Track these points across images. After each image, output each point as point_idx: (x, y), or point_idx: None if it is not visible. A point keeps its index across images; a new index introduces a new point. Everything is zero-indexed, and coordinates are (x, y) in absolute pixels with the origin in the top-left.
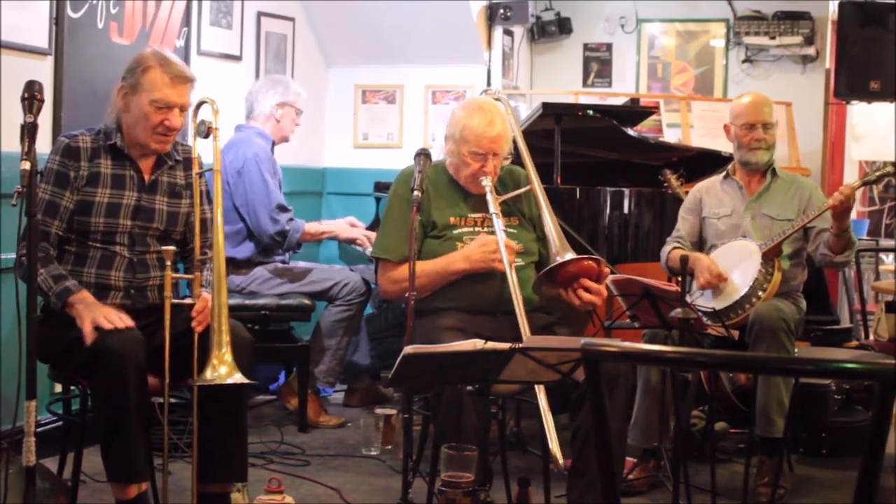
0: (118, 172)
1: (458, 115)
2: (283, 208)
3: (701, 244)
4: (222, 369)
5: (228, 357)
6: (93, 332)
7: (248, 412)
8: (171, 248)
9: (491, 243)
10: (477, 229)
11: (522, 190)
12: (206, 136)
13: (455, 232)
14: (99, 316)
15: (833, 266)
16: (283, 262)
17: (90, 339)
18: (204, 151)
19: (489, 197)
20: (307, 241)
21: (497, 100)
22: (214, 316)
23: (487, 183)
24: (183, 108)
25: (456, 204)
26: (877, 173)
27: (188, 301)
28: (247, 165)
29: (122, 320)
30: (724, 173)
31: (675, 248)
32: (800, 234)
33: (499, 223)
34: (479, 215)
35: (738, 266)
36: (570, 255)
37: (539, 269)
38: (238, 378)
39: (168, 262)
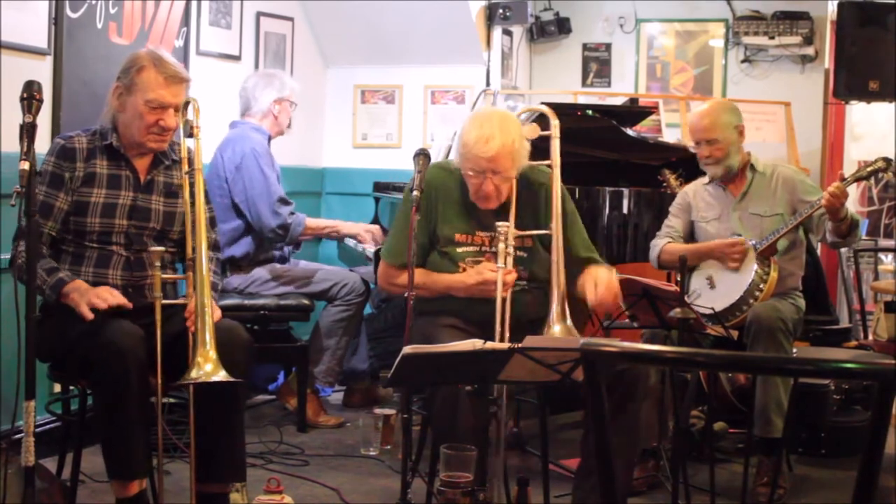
0: (114, 173)
1: (463, 127)
2: (284, 201)
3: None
4: (207, 367)
5: (213, 354)
6: (90, 313)
7: (246, 412)
8: (160, 248)
9: (489, 281)
10: (483, 249)
11: (541, 232)
12: (190, 136)
13: (459, 251)
14: (92, 297)
15: (846, 247)
16: (283, 259)
17: (90, 316)
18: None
19: (500, 246)
20: (308, 235)
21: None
22: (198, 315)
23: (503, 230)
24: (178, 109)
25: (465, 218)
26: (868, 169)
27: (181, 301)
28: (245, 160)
29: (115, 296)
30: (707, 178)
31: (669, 242)
32: (793, 230)
33: (504, 261)
34: (488, 234)
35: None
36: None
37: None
38: (223, 376)
39: (157, 263)
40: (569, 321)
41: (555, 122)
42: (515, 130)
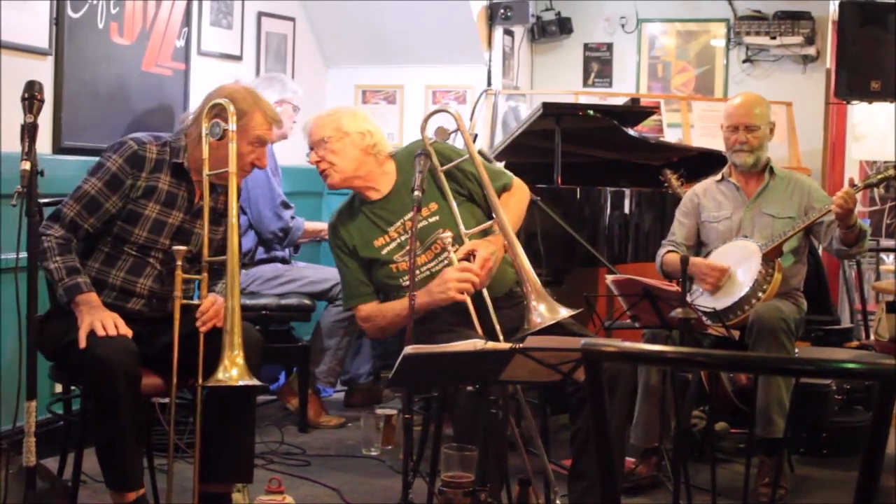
0: (173, 191)
1: None
2: (285, 205)
3: (698, 248)
4: (234, 371)
5: (240, 360)
6: (84, 341)
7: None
8: (183, 247)
9: (449, 279)
10: (404, 238)
11: (485, 226)
12: (221, 139)
13: (384, 253)
14: (96, 321)
15: (850, 257)
16: (285, 260)
17: (83, 344)
18: None
19: (453, 257)
20: (307, 238)
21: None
22: (227, 318)
23: (448, 238)
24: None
25: (371, 225)
26: (878, 176)
27: (197, 302)
28: None
29: (118, 329)
30: (719, 176)
31: (669, 251)
32: (800, 233)
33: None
34: (399, 223)
35: (738, 266)
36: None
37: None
38: (251, 381)
39: (178, 262)
40: (540, 292)
41: (459, 122)
42: (349, 119)
